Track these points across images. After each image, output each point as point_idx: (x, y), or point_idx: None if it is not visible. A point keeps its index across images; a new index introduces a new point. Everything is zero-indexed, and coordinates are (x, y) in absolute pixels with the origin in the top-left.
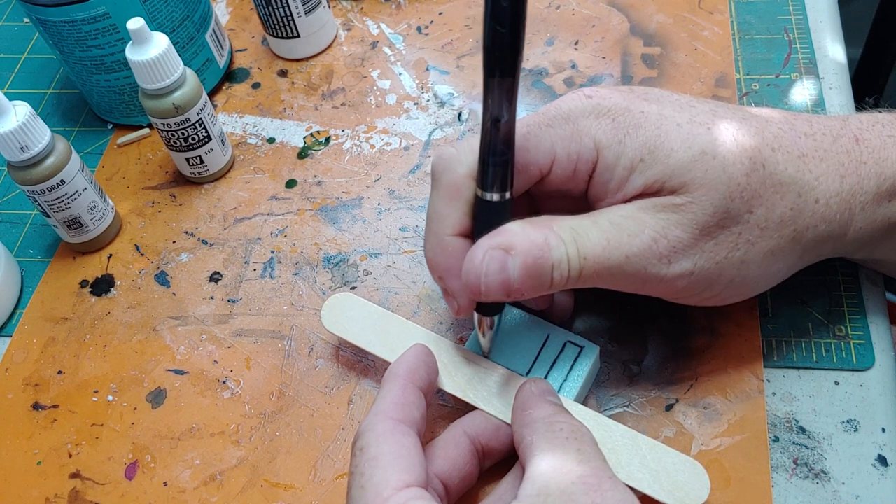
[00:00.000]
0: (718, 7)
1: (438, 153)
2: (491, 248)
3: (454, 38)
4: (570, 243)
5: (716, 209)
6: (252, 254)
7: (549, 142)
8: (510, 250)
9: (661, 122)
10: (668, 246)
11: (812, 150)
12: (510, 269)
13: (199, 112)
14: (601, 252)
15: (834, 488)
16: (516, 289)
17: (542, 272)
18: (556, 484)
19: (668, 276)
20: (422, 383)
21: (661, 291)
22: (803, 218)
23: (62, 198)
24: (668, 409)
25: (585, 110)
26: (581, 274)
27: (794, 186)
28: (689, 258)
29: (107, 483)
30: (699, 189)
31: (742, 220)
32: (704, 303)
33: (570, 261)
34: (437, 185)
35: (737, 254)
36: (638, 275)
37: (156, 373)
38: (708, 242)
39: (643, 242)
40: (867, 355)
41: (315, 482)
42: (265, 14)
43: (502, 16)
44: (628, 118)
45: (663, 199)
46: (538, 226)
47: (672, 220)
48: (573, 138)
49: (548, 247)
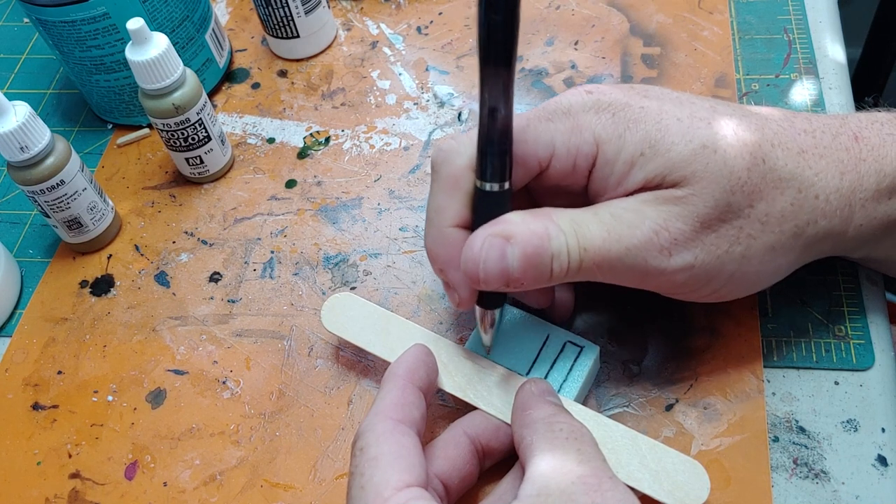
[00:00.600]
0: (718, 7)
1: (438, 145)
2: (490, 236)
3: (454, 38)
4: (571, 234)
5: (717, 202)
6: (252, 254)
7: (548, 135)
8: (510, 238)
9: (662, 117)
10: (670, 238)
11: (812, 146)
12: (509, 257)
13: (199, 112)
14: (602, 243)
15: (834, 488)
16: (515, 278)
17: (541, 262)
18: (557, 484)
19: (669, 269)
20: (421, 383)
21: (661, 285)
22: (804, 213)
23: (62, 198)
24: (668, 409)
25: (585, 105)
26: (581, 265)
27: (794, 182)
28: (690, 251)
29: (107, 483)
30: (700, 182)
31: (743, 215)
32: (704, 299)
33: (570, 251)
34: (437, 177)
35: (738, 248)
36: (638, 267)
37: (156, 373)
38: (709, 235)
39: (644, 234)
40: (867, 355)
41: (315, 482)
42: (265, 14)
43: (497, 4)
44: (628, 113)
45: (664, 192)
46: (538, 216)
47: (673, 213)
48: (573, 132)
49: (548, 236)
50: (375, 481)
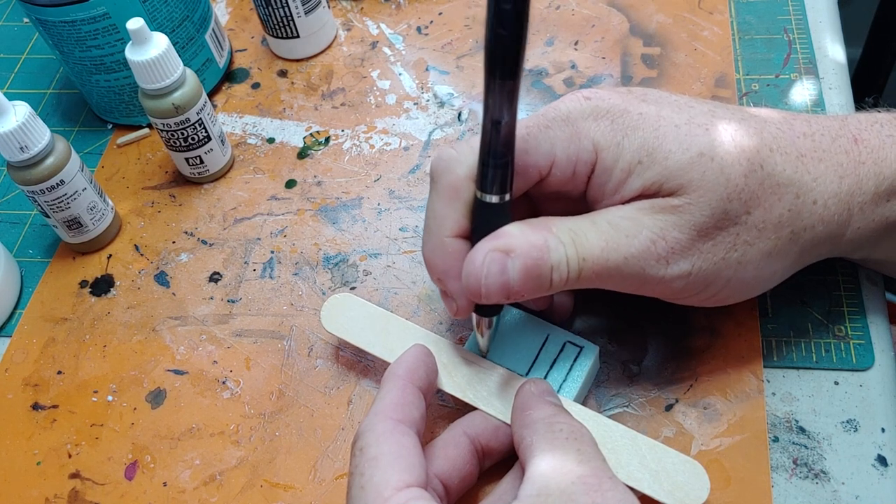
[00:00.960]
0: (718, 7)
1: (438, 154)
2: (491, 251)
3: (454, 39)
4: (569, 245)
5: (713, 211)
6: (252, 254)
7: (548, 143)
8: (510, 252)
9: (660, 124)
10: (667, 247)
11: (811, 150)
12: (510, 271)
13: (199, 112)
14: (600, 253)
15: (834, 488)
16: (516, 291)
17: (541, 274)
18: (557, 484)
19: (667, 277)
20: (421, 383)
21: (660, 292)
22: (801, 219)
23: (62, 198)
24: (667, 409)
25: (584, 112)
26: (580, 275)
27: (791, 188)
28: (687, 259)
29: (106, 483)
30: (697, 191)
31: (740, 222)
32: (703, 303)
33: (570, 262)
34: (437, 187)
35: (734, 255)
36: (636, 276)
37: (155, 373)
38: (706, 244)
39: (641, 244)
40: (867, 355)
41: (315, 482)
42: (265, 14)
43: (505, 18)
44: (626, 120)
45: (661, 200)
46: (537, 228)
47: (670, 222)
48: (572, 140)
49: (547, 249)
50: (376, 481)
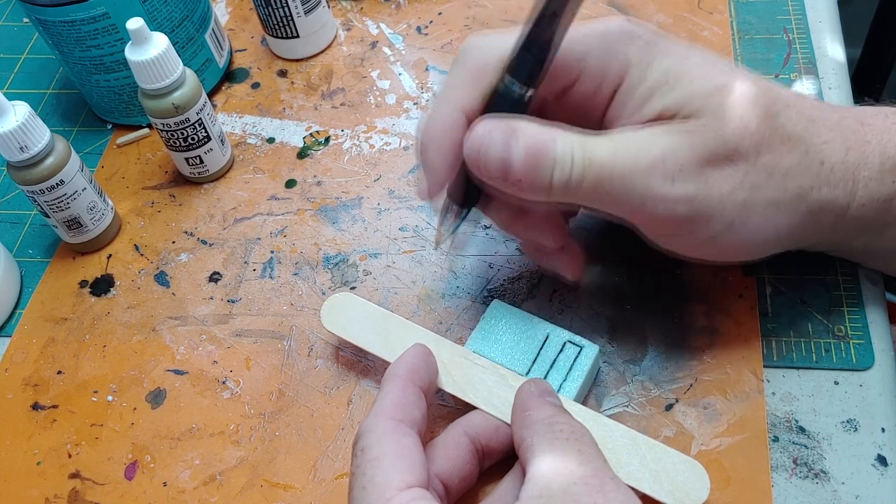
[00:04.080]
0: (718, 7)
1: (469, 37)
2: (498, 122)
3: (454, 38)
4: (577, 145)
5: (726, 141)
6: (252, 254)
7: (582, 51)
8: (516, 131)
9: (689, 56)
10: (675, 164)
11: (821, 118)
12: (513, 148)
13: (199, 112)
14: (607, 158)
15: (834, 488)
16: (514, 174)
17: (544, 163)
18: (559, 485)
19: (669, 196)
20: (422, 383)
21: (660, 219)
22: (809, 176)
23: (62, 198)
24: (667, 409)
25: (622, 31)
26: (583, 179)
27: (802, 144)
28: (693, 182)
29: (106, 483)
30: (713, 118)
31: (749, 160)
32: (700, 253)
33: (575, 160)
34: (463, 63)
35: (740, 194)
36: (639, 191)
37: (155, 373)
38: (714, 171)
39: (651, 156)
40: (867, 355)
41: (315, 482)
42: (265, 14)
43: None
44: (659, 46)
45: (677, 123)
46: (549, 125)
47: (683, 142)
48: (607, 52)
49: (553, 140)
50: (377, 481)
